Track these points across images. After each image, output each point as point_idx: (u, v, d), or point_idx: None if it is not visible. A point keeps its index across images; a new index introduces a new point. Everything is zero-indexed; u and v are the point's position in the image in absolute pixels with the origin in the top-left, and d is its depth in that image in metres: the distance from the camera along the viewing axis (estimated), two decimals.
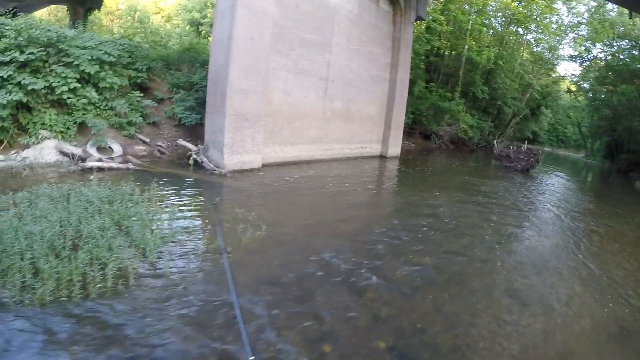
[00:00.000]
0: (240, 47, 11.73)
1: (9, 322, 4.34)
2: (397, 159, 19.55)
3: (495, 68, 31.86)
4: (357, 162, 17.20)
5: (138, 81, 14.59)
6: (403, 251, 7.48)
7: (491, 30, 33.21)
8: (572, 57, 37.11)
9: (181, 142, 13.16)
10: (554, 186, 16.63)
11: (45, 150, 10.73)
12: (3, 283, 4.89)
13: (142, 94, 14.08)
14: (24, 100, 10.70)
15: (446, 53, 31.27)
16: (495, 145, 23.87)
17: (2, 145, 10.61)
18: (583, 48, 35.50)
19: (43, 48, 11.39)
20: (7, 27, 11.32)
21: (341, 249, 7.31)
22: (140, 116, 13.54)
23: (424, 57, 27.28)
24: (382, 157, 19.17)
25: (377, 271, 6.53)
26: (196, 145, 12.81)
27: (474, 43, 29.71)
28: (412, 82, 22.86)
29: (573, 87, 41.70)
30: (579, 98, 41.94)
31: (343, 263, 6.72)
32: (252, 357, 3.59)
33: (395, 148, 19.81)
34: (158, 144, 13.53)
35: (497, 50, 32.01)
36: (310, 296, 5.57)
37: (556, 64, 40.20)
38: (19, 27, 11.20)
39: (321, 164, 15.51)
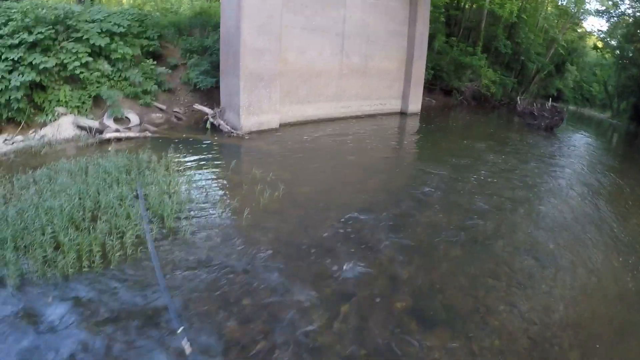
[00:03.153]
0: (251, 6, 11.41)
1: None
2: (418, 115, 19.12)
3: (518, 22, 30.54)
4: (376, 119, 16.89)
5: (150, 49, 14.44)
6: (424, 210, 7.32)
7: None
8: (599, 12, 35.06)
9: (197, 106, 13.02)
10: (578, 146, 16.05)
11: (63, 127, 10.76)
12: (26, 259, 4.92)
13: (155, 62, 13.98)
14: (37, 79, 10.69)
15: (467, 6, 30.15)
16: (519, 102, 23.26)
17: (20, 126, 10.66)
18: (610, 3, 33.83)
19: (51, 26, 11.30)
20: (13, 10, 11.21)
21: (360, 209, 7.17)
22: (155, 84, 13.41)
23: (443, 11, 26.40)
24: (402, 114, 18.75)
25: (396, 231, 6.42)
26: (212, 108, 12.67)
27: None
28: (432, 37, 22.14)
29: (600, 44, 39.54)
30: (606, 55, 39.79)
31: (362, 223, 6.63)
32: (182, 327, 3.47)
33: (415, 104, 19.31)
34: (174, 110, 13.45)
35: (521, 3, 30.74)
36: (328, 257, 5.49)
37: (582, 19, 38.23)
38: (25, 9, 11.06)
39: (340, 121, 15.26)
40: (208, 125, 12.10)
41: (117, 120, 11.53)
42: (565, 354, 4.05)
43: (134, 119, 12.00)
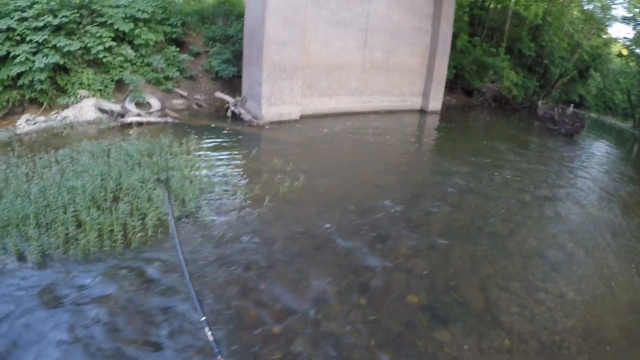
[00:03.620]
0: None
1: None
2: (438, 114, 18.92)
3: (543, 24, 29.90)
4: (396, 115, 16.76)
5: (173, 36, 14.56)
6: (441, 207, 7.25)
7: None
8: (625, 19, 34.33)
9: (219, 94, 13.02)
10: (598, 154, 15.66)
11: (85, 109, 10.84)
12: (47, 236, 4.94)
13: (178, 49, 14.03)
14: (61, 62, 10.84)
15: (491, 6, 29.80)
16: (540, 106, 22.94)
17: (43, 107, 10.81)
18: (638, 10, 33.26)
19: (76, 10, 11.45)
20: None
21: (379, 202, 7.14)
22: (177, 71, 13.47)
23: (467, 9, 26.11)
24: (422, 112, 18.57)
25: (413, 226, 6.39)
26: (234, 97, 12.65)
27: None
28: (455, 35, 21.79)
29: (625, 52, 38.80)
30: (630, 64, 38.96)
31: (380, 216, 6.60)
32: (204, 318, 3.44)
33: (436, 103, 19.10)
34: (196, 97, 13.47)
35: (546, 6, 30.29)
36: (346, 248, 5.49)
37: (608, 25, 37.17)
38: None
39: (360, 116, 15.16)
40: (229, 114, 12.12)
41: (138, 104, 11.58)
42: (574, 358, 4.00)
43: (155, 104, 12.04)
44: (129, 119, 10.39)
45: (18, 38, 10.57)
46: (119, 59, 12.11)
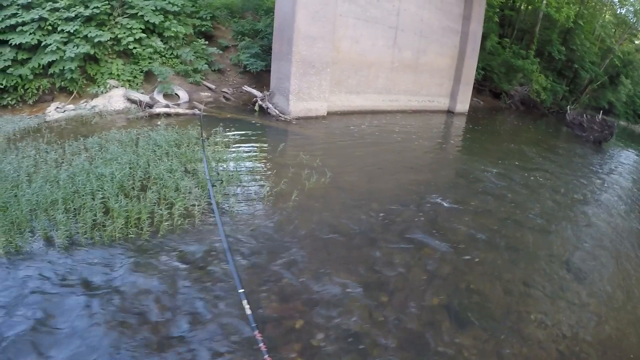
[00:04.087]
0: None
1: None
2: (465, 115, 18.72)
3: (574, 27, 29.21)
4: (423, 115, 16.60)
5: (202, 29, 14.64)
6: (465, 210, 7.08)
7: None
8: None
9: (246, 88, 13.01)
10: (626, 163, 15.23)
11: (114, 98, 11.00)
12: (76, 221, 4.97)
13: (206, 42, 14.09)
14: (91, 52, 10.99)
15: (522, 7, 29.35)
16: (568, 112, 22.51)
17: (72, 96, 10.96)
18: None
19: (107, 1, 11.58)
20: None
21: (403, 202, 7.02)
22: (205, 63, 13.53)
23: (498, 10, 25.68)
24: (450, 113, 18.40)
25: (436, 227, 6.25)
26: (261, 91, 12.63)
27: None
28: (485, 36, 21.50)
29: None
30: None
31: (404, 216, 6.49)
32: (242, 290, 3.36)
33: (463, 104, 18.91)
34: (223, 90, 13.48)
35: (578, 9, 29.73)
36: (369, 245, 5.44)
37: None
38: None
39: (387, 115, 15.05)
40: (257, 108, 12.08)
41: (166, 96, 11.61)
42: None
43: (183, 96, 12.06)
44: (157, 110, 10.44)
45: (49, 28, 10.72)
46: (149, 51, 12.18)
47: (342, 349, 3.60)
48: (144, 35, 11.93)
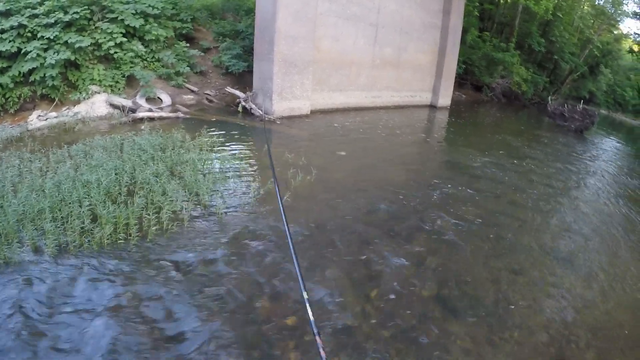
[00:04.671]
0: None
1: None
2: (447, 109, 18.88)
3: (553, 19, 29.59)
4: (406, 110, 16.71)
5: (183, 32, 14.54)
6: (452, 202, 7.17)
7: None
8: (636, 15, 33.68)
9: (229, 89, 13.01)
10: (608, 150, 15.46)
11: (96, 104, 10.91)
12: (64, 229, 4.96)
13: (188, 44, 14.01)
14: (72, 58, 10.87)
15: (502, 0, 29.67)
16: (550, 102, 22.72)
17: (54, 103, 10.85)
18: None
19: (86, 7, 11.50)
20: None
21: (390, 197, 7.13)
22: (187, 66, 13.45)
23: (477, 4, 25.82)
24: (432, 107, 18.54)
25: (424, 220, 6.35)
26: (244, 92, 12.64)
27: None
28: (465, 30, 21.59)
29: (636, 47, 37.91)
30: None
31: (391, 210, 6.60)
32: (306, 297, 3.39)
33: (445, 98, 19.06)
34: (206, 92, 13.46)
35: (557, 0, 29.99)
36: (357, 240, 5.51)
37: (619, 21, 36.78)
38: None
39: (370, 111, 15.13)
40: (240, 109, 12.09)
41: (149, 100, 11.55)
42: (582, 352, 3.99)
43: (166, 99, 12.03)
44: (140, 114, 10.40)
45: (29, 35, 10.62)
46: (130, 55, 12.11)
47: (337, 344, 3.67)
48: (124, 39, 11.88)
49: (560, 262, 5.63)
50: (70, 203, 5.43)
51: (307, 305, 3.19)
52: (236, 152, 8.53)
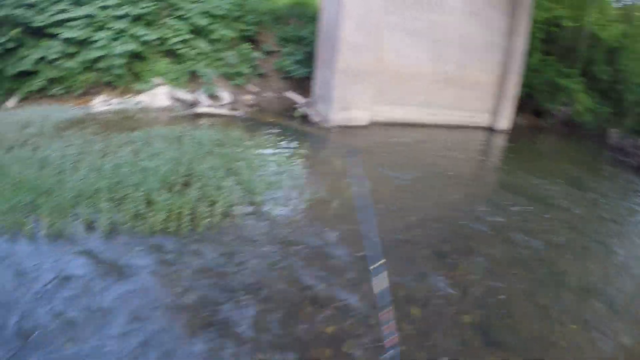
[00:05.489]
0: (352, 2, 11.28)
1: None
2: (505, 133, 18.26)
3: (621, 47, 28.86)
4: (463, 131, 16.28)
5: (247, 34, 14.74)
6: (502, 230, 6.75)
7: (620, 3, 29.93)
8: None
9: (289, 94, 13.06)
10: None
11: (158, 96, 11.22)
12: (118, 210, 5.05)
13: (251, 46, 14.22)
14: (138, 50, 11.33)
15: (567, 24, 28.81)
16: (612, 135, 21.88)
17: (118, 90, 11.30)
18: None
19: (156, 2, 11.88)
20: None
21: (441, 216, 6.86)
22: (249, 67, 13.64)
23: (543, 26, 25.28)
24: (490, 130, 17.96)
25: (472, 245, 6.03)
26: (303, 98, 12.60)
27: (599, 16, 27.05)
28: (529, 53, 21.23)
29: None
30: None
31: (439, 232, 6.33)
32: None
33: (504, 121, 18.41)
34: (265, 94, 13.54)
35: (624, 27, 28.98)
36: (403, 257, 5.31)
37: None
38: None
39: (426, 128, 14.79)
40: (298, 114, 12.06)
41: (210, 96, 11.74)
42: None
43: (226, 97, 12.17)
44: (200, 110, 10.58)
45: (99, 24, 11.01)
46: (194, 52, 12.43)
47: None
48: (190, 36, 12.22)
49: (616, 310, 5.11)
50: (127, 186, 5.49)
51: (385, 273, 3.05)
52: (292, 156, 8.44)
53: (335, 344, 3.60)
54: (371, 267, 3.09)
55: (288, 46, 15.06)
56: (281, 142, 9.22)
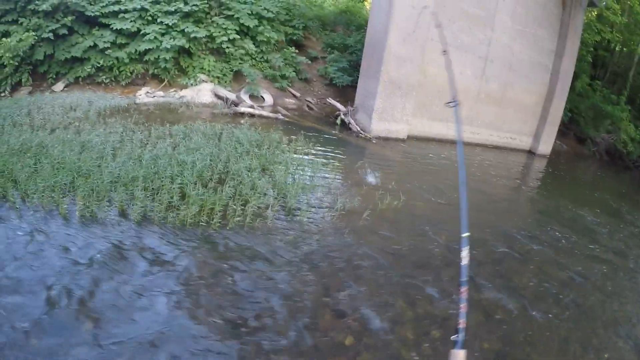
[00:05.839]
0: (401, 13, 11.22)
1: None
2: (546, 158, 17.83)
3: None
4: (503, 152, 15.94)
5: (294, 38, 14.91)
6: (534, 258, 6.56)
7: None
8: None
9: (331, 100, 13.04)
10: None
11: (202, 92, 11.43)
12: (152, 200, 5.15)
13: (296, 51, 14.25)
14: (186, 46, 11.58)
15: (617, 48, 27.95)
16: None
17: (163, 84, 11.57)
18: None
19: (206, 1, 12.10)
20: None
21: (473, 239, 6.62)
22: (293, 71, 13.71)
23: (591, 49, 24.51)
24: (530, 153, 17.54)
25: (501, 270, 5.89)
26: (345, 106, 12.57)
27: None
28: (576, 76, 20.53)
29: None
30: None
31: (472, 254, 6.10)
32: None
33: (546, 146, 17.88)
34: (307, 99, 13.56)
35: None
36: (430, 277, 5.17)
37: None
38: None
39: (466, 147, 14.48)
40: (338, 121, 11.97)
41: (252, 97, 11.81)
42: None
43: (268, 99, 12.23)
44: (242, 109, 10.68)
45: (149, 18, 11.41)
46: (240, 52, 12.60)
47: None
48: (237, 36, 12.37)
49: (634, 346, 4.92)
50: (163, 177, 5.60)
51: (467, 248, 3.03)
52: (327, 162, 8.45)
53: None
54: (463, 235, 3.03)
55: (333, 53, 15.13)
56: (319, 148, 9.21)
